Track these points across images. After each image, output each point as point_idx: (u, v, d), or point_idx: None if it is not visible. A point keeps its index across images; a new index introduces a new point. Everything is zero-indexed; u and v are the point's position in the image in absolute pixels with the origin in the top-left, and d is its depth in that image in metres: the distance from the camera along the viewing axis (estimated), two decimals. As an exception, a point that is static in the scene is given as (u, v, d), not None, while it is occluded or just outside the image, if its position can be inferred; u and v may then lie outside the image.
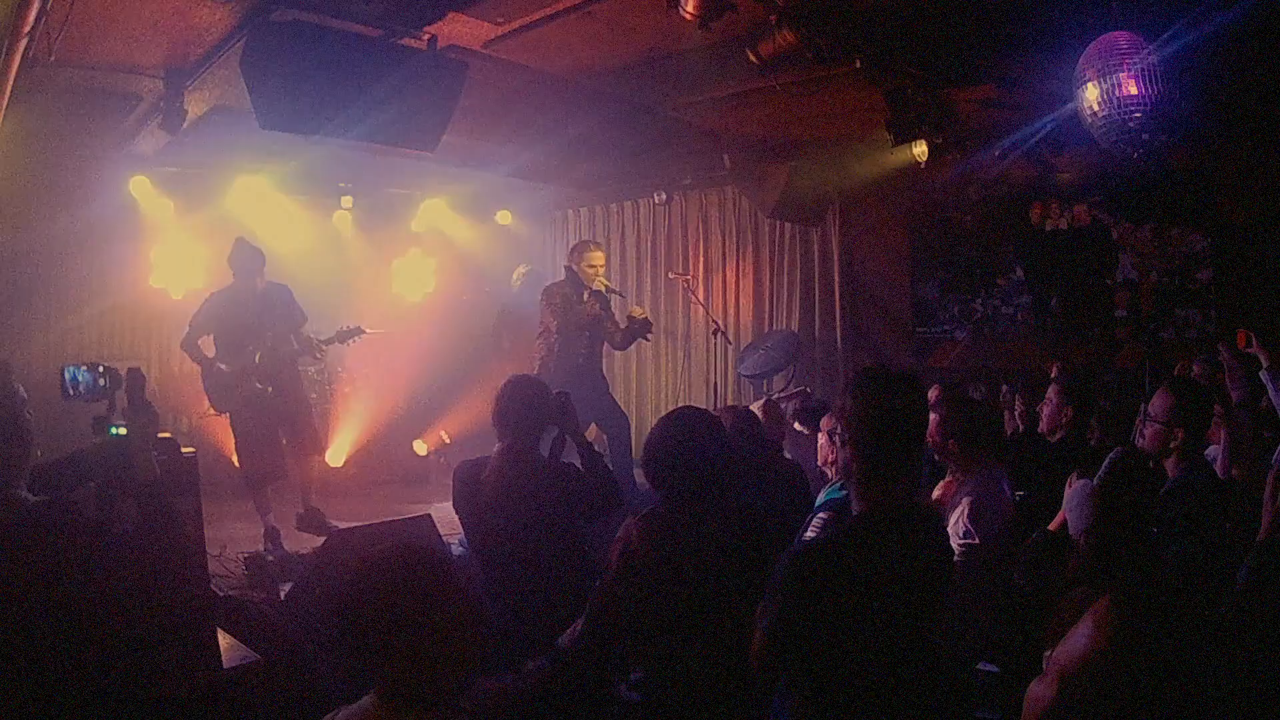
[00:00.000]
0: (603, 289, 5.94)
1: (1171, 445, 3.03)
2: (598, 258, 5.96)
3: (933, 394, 3.43)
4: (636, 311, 5.95)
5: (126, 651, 1.86)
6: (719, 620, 2.36)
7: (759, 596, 2.05)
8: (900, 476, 2.03)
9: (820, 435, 3.44)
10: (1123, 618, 1.29)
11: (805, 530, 2.86)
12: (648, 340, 6.30)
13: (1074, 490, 2.68)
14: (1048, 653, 1.61)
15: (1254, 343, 3.99)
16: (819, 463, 3.47)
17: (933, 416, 3.21)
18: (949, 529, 3.10)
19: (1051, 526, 2.82)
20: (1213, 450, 3.62)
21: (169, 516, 2.17)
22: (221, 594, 3.98)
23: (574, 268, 5.91)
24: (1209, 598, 2.23)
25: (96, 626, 1.83)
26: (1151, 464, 3.05)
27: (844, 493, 2.67)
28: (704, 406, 7.55)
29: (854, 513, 2.05)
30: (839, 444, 2.08)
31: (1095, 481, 2.66)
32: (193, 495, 2.72)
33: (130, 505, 2.11)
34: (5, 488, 1.88)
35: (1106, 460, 2.83)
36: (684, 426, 2.60)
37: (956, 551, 3.01)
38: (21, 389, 2.00)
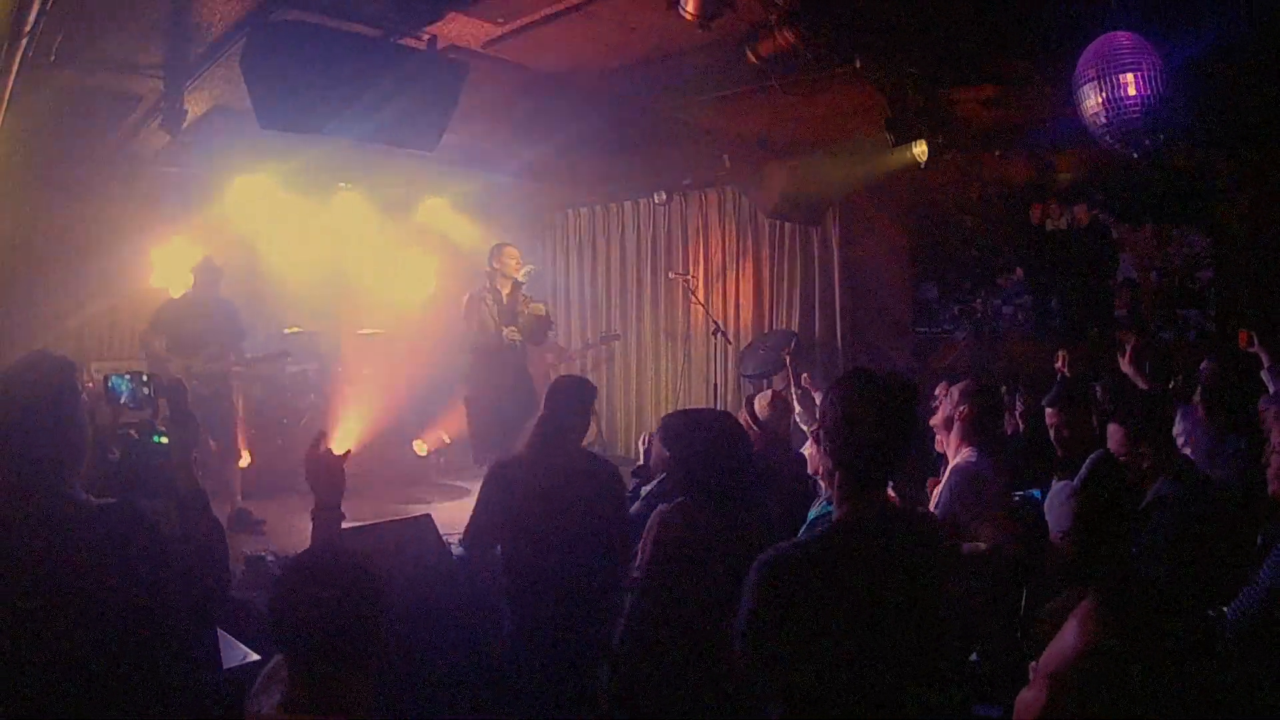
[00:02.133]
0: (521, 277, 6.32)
1: (1145, 467, 3.01)
2: (511, 251, 6.37)
3: (959, 388, 3.42)
4: (538, 309, 6.29)
5: (129, 652, 1.86)
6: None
7: None
8: (880, 483, 1.96)
9: (809, 445, 3.44)
10: (1107, 618, 1.28)
11: None
12: (539, 340, 6.53)
13: (1053, 492, 2.67)
14: (1033, 663, 1.59)
15: (1255, 343, 4.00)
16: (810, 471, 3.47)
17: (961, 408, 3.26)
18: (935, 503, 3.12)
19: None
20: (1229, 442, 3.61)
21: (213, 525, 2.19)
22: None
23: (493, 266, 6.30)
24: (1196, 602, 2.23)
25: (116, 628, 1.83)
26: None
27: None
28: (704, 407, 7.58)
29: (833, 518, 1.98)
30: (820, 449, 2.04)
31: (1075, 483, 2.66)
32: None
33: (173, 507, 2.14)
34: (62, 489, 1.89)
35: (1086, 463, 2.83)
36: (717, 429, 2.71)
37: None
38: (85, 394, 2.01)
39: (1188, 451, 3.54)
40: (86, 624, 1.79)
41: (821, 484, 3.20)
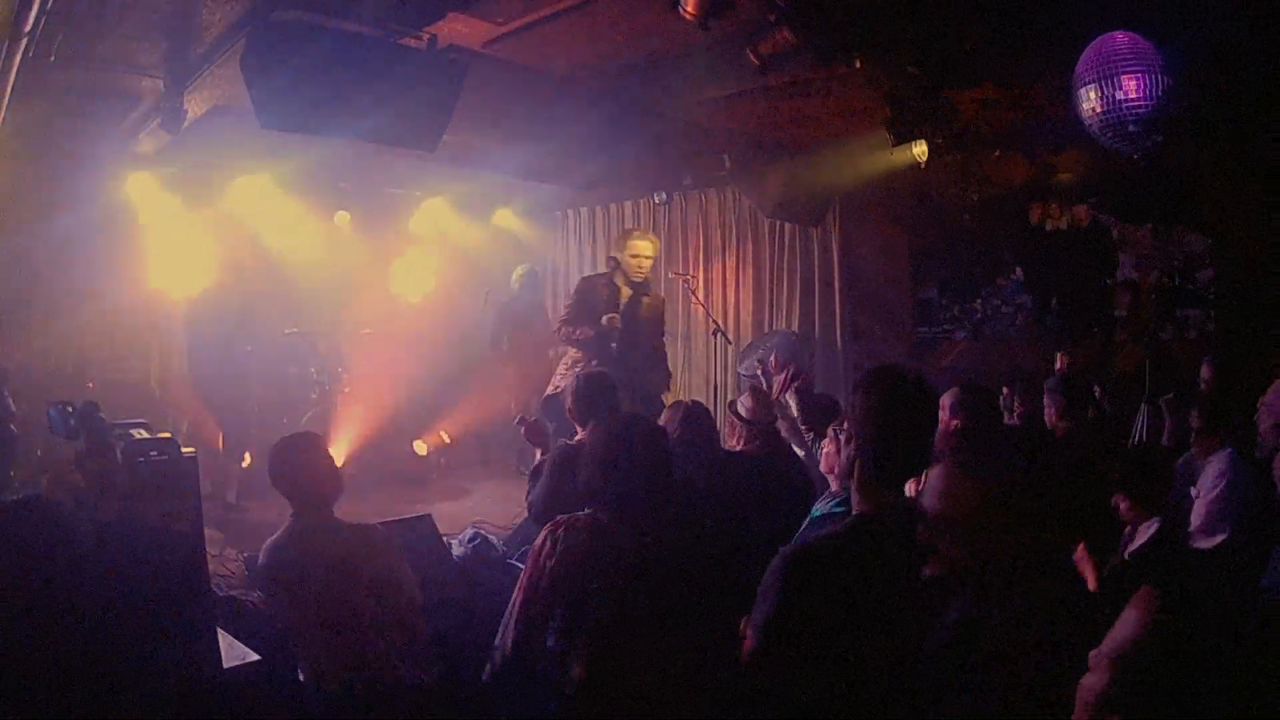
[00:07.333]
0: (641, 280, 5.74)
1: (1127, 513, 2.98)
2: (641, 246, 5.72)
3: (950, 398, 3.39)
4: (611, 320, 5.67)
5: (125, 651, 1.86)
6: (650, 624, 2.29)
7: (694, 603, 2.11)
8: (903, 479, 2.00)
9: (826, 442, 3.31)
10: (1165, 601, 1.34)
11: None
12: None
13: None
14: (1093, 651, 1.61)
15: None
16: (823, 470, 3.42)
17: (954, 422, 3.23)
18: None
19: None
20: None
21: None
22: (221, 594, 3.99)
23: (618, 258, 5.77)
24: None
25: (90, 625, 1.83)
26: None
27: (845, 509, 2.47)
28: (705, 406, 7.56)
29: (854, 513, 2.00)
30: (843, 441, 2.05)
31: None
32: (193, 495, 2.73)
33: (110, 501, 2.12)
34: None
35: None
36: (614, 439, 2.52)
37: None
38: (11, 402, 2.02)
39: None
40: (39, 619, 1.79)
41: (831, 482, 3.00)
